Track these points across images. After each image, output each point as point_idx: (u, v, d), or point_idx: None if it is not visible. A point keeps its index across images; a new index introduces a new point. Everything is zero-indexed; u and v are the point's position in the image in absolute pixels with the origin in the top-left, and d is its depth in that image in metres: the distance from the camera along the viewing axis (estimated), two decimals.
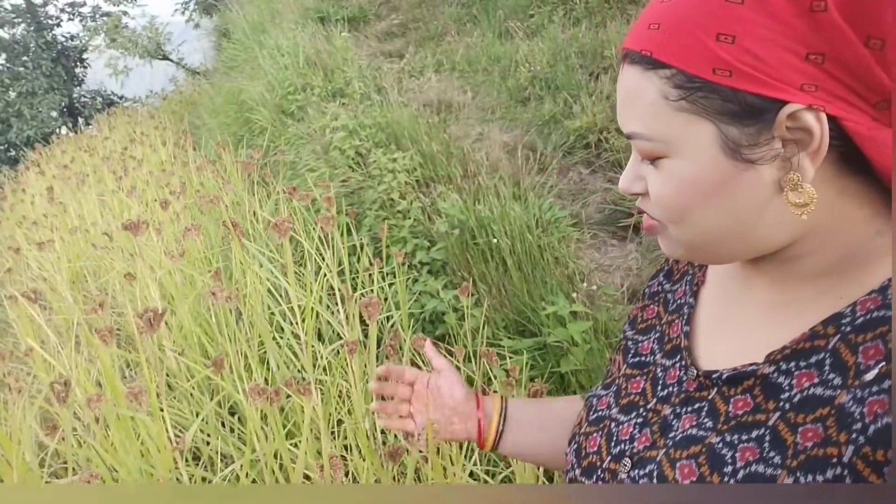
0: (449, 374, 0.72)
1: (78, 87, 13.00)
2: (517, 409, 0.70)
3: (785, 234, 0.41)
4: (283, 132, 3.66)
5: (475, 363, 1.65)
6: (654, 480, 0.44)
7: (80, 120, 12.43)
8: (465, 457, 1.42)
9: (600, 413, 0.54)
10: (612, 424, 0.52)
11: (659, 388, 0.50)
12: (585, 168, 3.21)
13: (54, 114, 11.83)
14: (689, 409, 0.46)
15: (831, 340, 0.39)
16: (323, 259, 1.90)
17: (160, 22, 11.81)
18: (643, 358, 0.55)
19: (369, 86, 4.06)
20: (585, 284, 2.19)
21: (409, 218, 2.50)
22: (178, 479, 1.27)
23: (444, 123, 3.64)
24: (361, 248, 2.08)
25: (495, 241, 2.24)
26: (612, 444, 0.50)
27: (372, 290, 1.95)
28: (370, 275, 1.92)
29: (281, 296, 1.88)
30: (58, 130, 11.37)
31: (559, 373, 1.80)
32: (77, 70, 13.00)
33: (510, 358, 1.80)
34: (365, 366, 1.52)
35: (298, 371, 1.63)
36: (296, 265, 2.15)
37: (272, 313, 1.81)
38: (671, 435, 0.46)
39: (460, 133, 3.54)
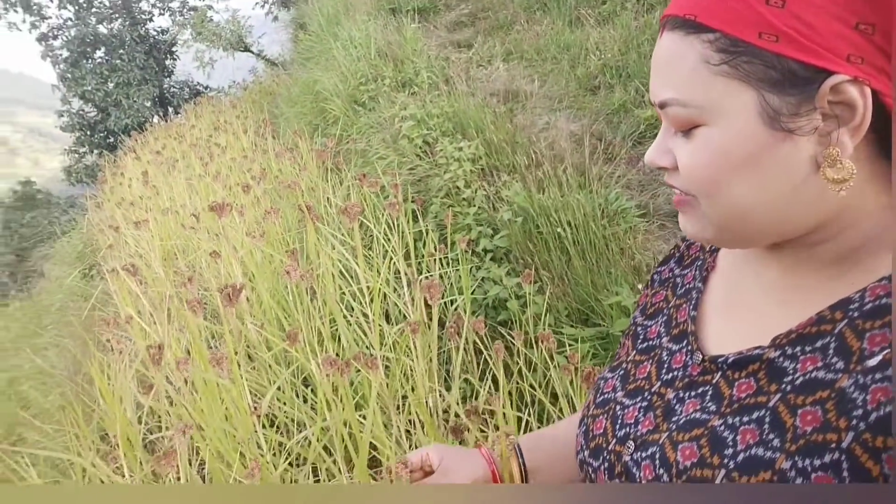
0: (445, 460, 0.66)
1: (168, 79, 13.92)
2: (530, 443, 0.68)
3: (815, 216, 0.40)
4: (355, 121, 3.78)
5: (536, 349, 1.68)
6: (657, 462, 0.44)
7: (171, 109, 13.31)
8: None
9: (606, 395, 0.55)
10: (618, 407, 0.52)
11: (664, 371, 0.50)
12: None
13: (148, 103, 12.73)
14: (693, 393, 0.46)
15: (838, 325, 0.38)
16: (390, 243, 1.98)
17: (242, 15, 12.38)
18: (651, 342, 0.55)
19: (437, 76, 4.11)
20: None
21: (474, 206, 2.54)
22: (256, 444, 1.39)
23: (511, 113, 3.64)
24: (427, 233, 2.14)
25: (559, 230, 2.24)
26: (618, 426, 0.50)
27: (439, 275, 2.01)
28: (435, 260, 1.99)
29: (352, 277, 1.98)
30: (151, 119, 12.24)
31: None
32: (167, 62, 13.90)
33: (570, 346, 1.81)
34: (429, 346, 1.59)
35: (367, 348, 1.72)
36: (365, 249, 2.25)
37: (343, 293, 1.91)
38: (674, 419, 0.45)
39: (527, 122, 3.53)
